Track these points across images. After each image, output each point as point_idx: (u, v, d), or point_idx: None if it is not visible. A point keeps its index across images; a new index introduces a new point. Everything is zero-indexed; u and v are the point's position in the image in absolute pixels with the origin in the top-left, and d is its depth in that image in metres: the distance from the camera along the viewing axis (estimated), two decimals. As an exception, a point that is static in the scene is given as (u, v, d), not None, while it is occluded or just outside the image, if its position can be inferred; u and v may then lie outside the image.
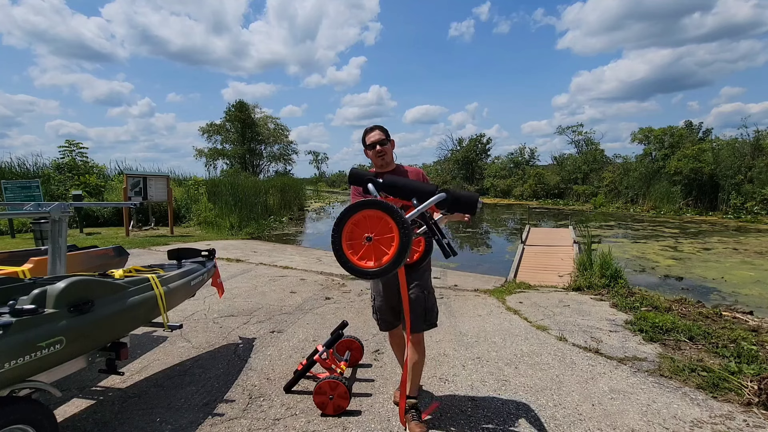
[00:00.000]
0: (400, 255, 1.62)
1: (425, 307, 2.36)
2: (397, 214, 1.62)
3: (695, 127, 27.35)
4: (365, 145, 2.39)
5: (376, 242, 1.68)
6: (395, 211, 1.63)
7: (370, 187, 1.95)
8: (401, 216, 1.63)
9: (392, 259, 1.63)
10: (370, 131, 2.39)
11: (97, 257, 3.58)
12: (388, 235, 1.65)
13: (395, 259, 1.63)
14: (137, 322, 2.49)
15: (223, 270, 6.29)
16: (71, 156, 15.44)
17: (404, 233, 1.61)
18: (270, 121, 37.10)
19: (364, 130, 2.43)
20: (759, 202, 18.36)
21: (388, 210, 1.63)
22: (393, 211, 1.63)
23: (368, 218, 1.68)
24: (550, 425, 2.42)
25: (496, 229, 17.17)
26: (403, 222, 1.62)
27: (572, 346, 3.63)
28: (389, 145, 2.39)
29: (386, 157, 2.37)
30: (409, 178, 2.31)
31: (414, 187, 1.94)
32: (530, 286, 6.02)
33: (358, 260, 1.70)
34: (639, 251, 11.09)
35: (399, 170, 2.41)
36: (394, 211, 1.63)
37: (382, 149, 2.34)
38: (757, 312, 4.92)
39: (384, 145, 2.34)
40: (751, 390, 2.72)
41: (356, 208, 1.68)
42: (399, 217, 1.63)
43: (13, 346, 1.66)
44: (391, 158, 2.42)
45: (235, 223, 13.34)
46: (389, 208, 1.63)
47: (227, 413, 2.53)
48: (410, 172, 2.42)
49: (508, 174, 36.40)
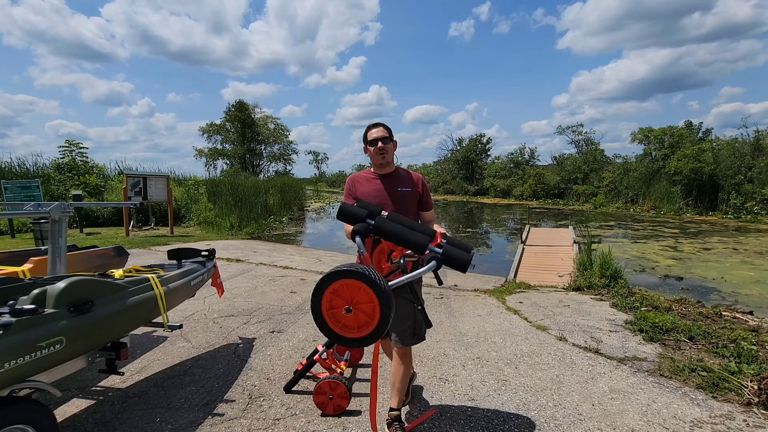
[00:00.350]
0: (382, 326, 1.58)
1: (415, 321, 2.23)
2: (376, 287, 1.55)
3: (695, 127, 27.36)
4: (366, 142, 2.28)
5: (357, 311, 1.61)
6: (375, 283, 1.55)
7: (357, 241, 1.86)
8: (381, 289, 1.55)
9: (374, 330, 1.59)
10: (374, 127, 2.28)
11: (97, 257, 3.58)
12: (368, 304, 1.59)
13: (377, 330, 1.59)
14: (137, 322, 2.49)
15: (223, 270, 6.29)
16: (71, 156, 15.44)
17: (385, 305, 1.56)
18: (270, 121, 37.11)
19: (367, 126, 2.32)
20: (759, 202, 18.37)
21: (367, 282, 1.56)
22: (373, 283, 1.55)
23: (347, 287, 1.60)
24: (550, 425, 2.42)
25: (496, 229, 17.17)
26: (384, 294, 1.55)
27: (572, 346, 3.63)
28: (392, 145, 2.28)
29: (387, 156, 2.25)
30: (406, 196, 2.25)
31: (407, 239, 1.81)
32: (530, 286, 6.02)
33: (340, 329, 1.63)
34: (639, 251, 11.09)
35: (398, 174, 2.32)
36: (374, 284, 1.55)
37: (384, 147, 2.23)
38: (757, 312, 4.92)
39: (387, 143, 2.24)
40: (751, 390, 2.72)
41: (334, 277, 1.60)
42: (379, 289, 1.55)
43: (13, 346, 1.66)
44: (391, 158, 2.31)
45: (235, 223, 13.34)
46: (368, 280, 1.56)
47: (227, 413, 2.53)
48: (409, 177, 2.34)
49: (508, 174, 36.42)
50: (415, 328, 2.24)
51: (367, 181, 2.30)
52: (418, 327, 2.25)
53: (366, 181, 2.30)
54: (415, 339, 2.26)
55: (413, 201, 2.30)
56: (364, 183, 2.29)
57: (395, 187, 2.25)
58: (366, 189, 2.27)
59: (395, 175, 2.32)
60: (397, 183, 2.27)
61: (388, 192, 2.24)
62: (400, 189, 2.25)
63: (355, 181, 2.33)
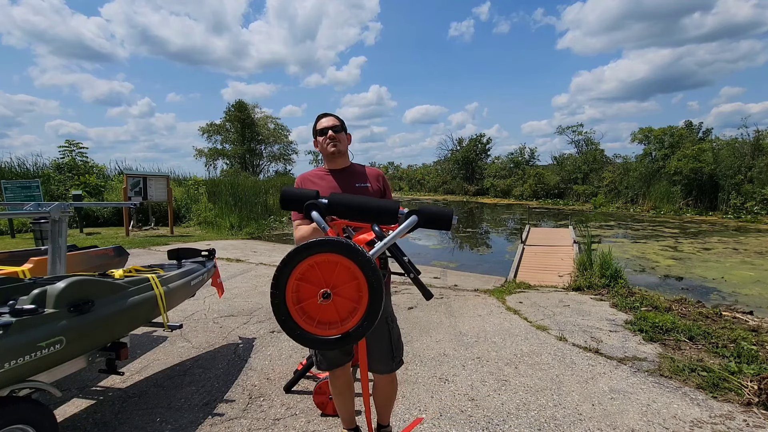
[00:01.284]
0: (374, 308, 1.19)
1: (391, 341, 1.92)
2: (357, 255, 1.18)
3: (695, 127, 27.36)
4: (315, 133, 2.00)
5: (337, 297, 1.22)
6: (356, 251, 1.19)
7: (314, 215, 1.46)
8: (365, 257, 1.19)
9: (365, 316, 1.20)
10: (323, 116, 2.01)
11: (97, 257, 3.58)
12: (350, 283, 1.21)
13: (369, 315, 1.20)
14: (137, 322, 2.49)
15: (223, 270, 6.29)
16: (71, 156, 15.45)
17: (373, 277, 1.18)
18: (270, 121, 37.11)
19: (317, 116, 2.04)
20: (759, 202, 18.37)
21: (346, 251, 1.19)
22: (352, 252, 1.19)
23: (318, 266, 1.22)
24: (550, 425, 2.42)
25: (496, 229, 17.17)
26: (368, 263, 1.19)
27: (572, 346, 3.63)
28: (344, 135, 2.00)
29: (340, 145, 1.95)
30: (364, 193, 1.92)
31: (373, 207, 1.48)
32: (530, 286, 6.02)
33: (316, 328, 1.23)
34: (639, 251, 11.09)
35: (353, 169, 2.02)
36: (355, 252, 1.19)
37: (334, 136, 1.93)
38: (757, 312, 4.93)
39: (337, 132, 1.95)
40: (751, 390, 2.72)
41: (299, 255, 1.21)
42: (362, 257, 1.18)
43: (13, 346, 1.66)
44: (345, 150, 2.01)
45: (235, 223, 13.33)
46: (347, 248, 1.19)
47: (227, 413, 2.53)
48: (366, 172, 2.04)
49: (508, 174, 36.41)
50: (393, 349, 1.93)
51: (319, 178, 2.00)
52: (396, 348, 1.94)
53: (318, 178, 2.00)
54: (395, 363, 1.95)
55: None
56: (315, 181, 2.00)
57: (351, 183, 1.97)
58: (318, 187, 1.94)
59: (351, 170, 2.03)
60: (354, 179, 1.98)
61: (343, 189, 1.94)
62: (357, 185, 1.97)
63: (305, 180, 2.03)
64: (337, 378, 2.03)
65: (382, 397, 2.06)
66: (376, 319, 1.20)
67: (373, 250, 1.31)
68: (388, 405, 2.10)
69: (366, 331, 1.21)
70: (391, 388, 2.03)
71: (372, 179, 2.01)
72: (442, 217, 1.43)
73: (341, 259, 1.20)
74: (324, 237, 1.24)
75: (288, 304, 1.23)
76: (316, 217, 1.46)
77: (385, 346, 1.91)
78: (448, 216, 1.43)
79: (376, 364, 1.92)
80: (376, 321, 1.20)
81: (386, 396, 2.06)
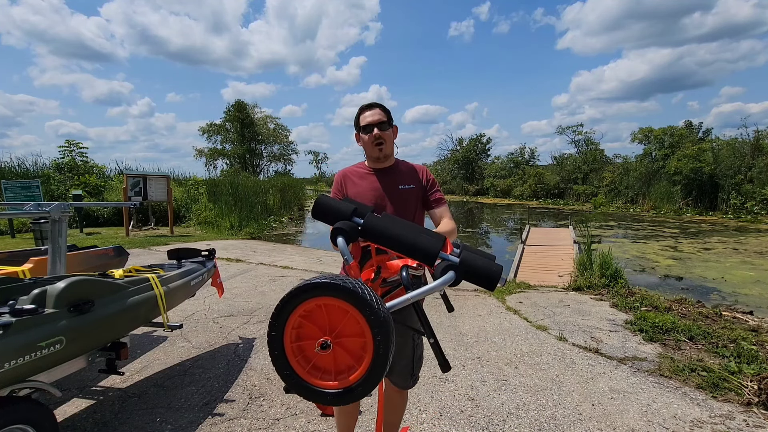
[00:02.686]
0: (375, 374, 1.01)
1: (413, 359, 1.79)
2: (371, 311, 1.00)
3: (695, 127, 27.38)
4: (358, 128, 1.79)
5: (339, 347, 1.06)
6: (368, 305, 1.01)
7: (340, 244, 1.27)
8: (379, 314, 1.00)
9: (362, 380, 1.02)
10: (368, 108, 1.77)
11: (97, 257, 3.58)
12: (356, 338, 1.04)
13: (367, 380, 1.02)
14: (137, 322, 2.49)
15: (223, 270, 6.29)
16: (71, 156, 15.45)
17: (382, 340, 1.00)
18: (270, 121, 37.15)
19: (360, 107, 1.81)
20: (759, 202, 18.37)
21: (356, 302, 1.02)
22: (365, 305, 1.01)
23: (326, 309, 1.07)
24: (550, 425, 2.42)
25: (496, 229, 17.17)
26: (381, 323, 1.00)
27: (572, 346, 3.63)
28: (391, 132, 1.78)
29: (385, 147, 1.74)
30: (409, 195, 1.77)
31: (409, 243, 1.23)
32: (530, 286, 6.02)
33: (308, 374, 1.07)
34: (639, 251, 11.09)
35: (398, 168, 1.84)
36: (367, 306, 1.01)
37: (380, 135, 1.72)
38: (757, 312, 4.93)
39: (384, 129, 1.73)
40: (751, 390, 2.72)
41: (308, 293, 1.06)
42: (375, 315, 1.00)
43: (13, 346, 1.66)
44: (391, 150, 1.80)
45: (235, 223, 13.33)
46: (358, 299, 1.01)
47: (227, 413, 2.53)
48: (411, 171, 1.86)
49: (508, 174, 36.43)
50: (414, 367, 1.81)
51: (360, 177, 1.82)
52: (416, 365, 1.83)
53: (359, 177, 1.82)
54: (412, 381, 1.85)
55: (417, 201, 1.82)
56: (356, 180, 1.82)
57: (395, 185, 1.78)
58: (359, 188, 1.79)
59: (395, 169, 1.83)
60: (398, 179, 1.79)
61: (386, 191, 1.76)
62: (401, 187, 1.78)
63: (346, 177, 1.85)
64: None
65: (390, 408, 1.94)
66: (375, 385, 1.03)
67: (391, 303, 1.12)
68: (395, 418, 1.97)
69: (358, 397, 1.04)
70: (400, 398, 1.93)
71: (417, 179, 1.83)
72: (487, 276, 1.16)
73: (352, 310, 1.03)
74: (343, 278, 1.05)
75: (285, 340, 1.09)
76: (342, 246, 1.28)
77: (407, 362, 1.78)
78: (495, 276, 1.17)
79: (395, 377, 1.82)
80: (372, 388, 1.03)
81: (394, 406, 1.94)
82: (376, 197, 1.76)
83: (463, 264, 1.16)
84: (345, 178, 1.85)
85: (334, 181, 1.89)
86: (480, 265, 1.17)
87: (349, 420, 1.95)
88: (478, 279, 1.17)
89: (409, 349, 1.76)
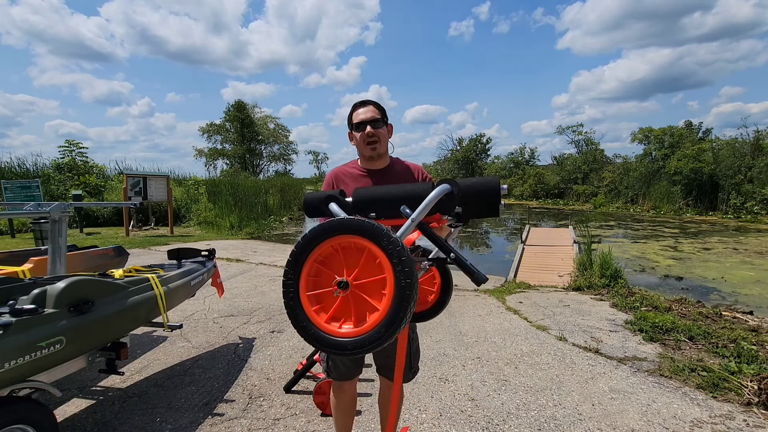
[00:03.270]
0: (398, 310, 0.93)
1: (412, 352, 1.84)
2: (385, 238, 0.95)
3: (695, 127, 27.36)
4: (351, 126, 1.72)
5: (357, 290, 1.00)
6: (382, 233, 0.96)
7: (334, 208, 1.23)
8: (393, 240, 0.95)
9: (386, 319, 0.94)
10: (361, 105, 1.71)
11: (97, 257, 3.58)
12: (375, 277, 0.99)
13: (390, 319, 0.93)
14: (137, 322, 2.49)
15: (223, 270, 6.29)
16: (71, 156, 15.45)
17: (402, 270, 0.93)
18: (270, 121, 37.15)
19: (353, 104, 1.74)
20: (759, 202, 18.37)
21: (370, 233, 0.97)
22: (379, 234, 0.96)
23: (342, 250, 1.03)
24: (550, 425, 2.42)
25: (496, 229, 17.17)
26: (397, 249, 0.94)
27: (572, 346, 3.63)
28: (385, 130, 1.71)
29: (379, 146, 1.67)
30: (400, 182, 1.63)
31: (401, 194, 1.20)
32: (530, 286, 6.02)
33: (327, 323, 1.01)
34: (639, 251, 11.09)
35: (394, 168, 1.77)
36: (381, 234, 0.96)
37: (374, 133, 1.65)
38: (757, 312, 4.93)
39: (378, 127, 1.66)
40: (751, 390, 2.72)
41: (321, 235, 1.02)
42: (390, 241, 0.95)
43: (13, 346, 1.66)
44: (385, 149, 1.72)
45: (235, 223, 13.33)
46: (372, 229, 0.97)
47: (227, 413, 2.53)
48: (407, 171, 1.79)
49: (508, 174, 36.41)
50: (412, 359, 1.85)
51: (353, 178, 1.75)
52: (414, 358, 1.87)
53: (352, 178, 1.75)
54: (412, 373, 1.88)
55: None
56: (349, 181, 1.74)
57: None
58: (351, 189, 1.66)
59: (390, 170, 1.77)
60: (395, 181, 1.70)
61: None
62: None
63: (338, 178, 1.77)
64: (344, 392, 1.84)
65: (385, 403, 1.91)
66: (399, 328, 0.93)
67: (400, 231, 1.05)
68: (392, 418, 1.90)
69: (380, 344, 0.94)
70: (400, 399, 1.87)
71: (413, 180, 1.76)
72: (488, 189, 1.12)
73: (368, 244, 0.98)
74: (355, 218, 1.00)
75: (300, 287, 1.03)
76: (335, 209, 1.23)
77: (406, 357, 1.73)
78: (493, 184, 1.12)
79: (388, 371, 1.80)
80: (396, 332, 0.94)
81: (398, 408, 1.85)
82: None
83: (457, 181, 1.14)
84: (337, 178, 1.78)
85: (325, 181, 1.82)
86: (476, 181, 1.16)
87: (347, 419, 1.92)
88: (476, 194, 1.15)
89: (408, 344, 1.75)
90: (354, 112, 1.71)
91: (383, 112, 1.72)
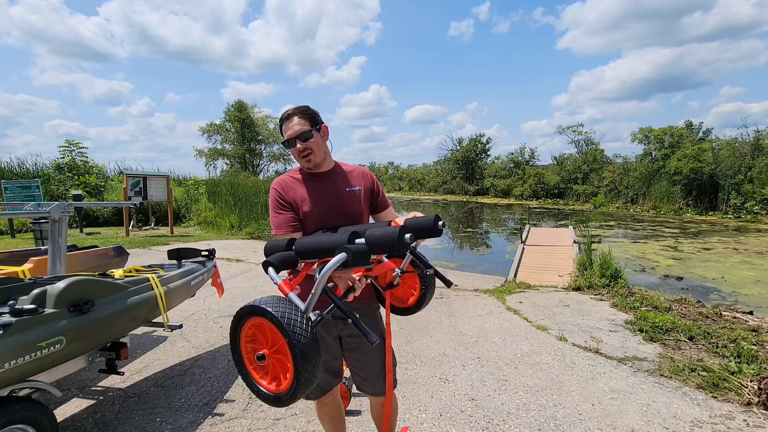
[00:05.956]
0: (298, 382, 1.08)
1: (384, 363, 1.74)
2: (269, 315, 1.10)
3: (695, 127, 27.35)
4: (284, 142, 1.63)
5: (276, 356, 1.16)
6: (267, 312, 1.10)
7: (270, 273, 1.30)
8: (287, 327, 1.07)
9: (289, 388, 1.11)
10: (286, 120, 1.59)
11: (97, 257, 3.58)
12: (283, 352, 1.13)
13: (292, 389, 1.10)
14: (137, 322, 2.49)
15: (223, 270, 6.29)
16: (71, 156, 15.44)
17: (293, 335, 1.06)
18: (270, 121, 37.12)
19: (280, 117, 1.63)
20: (759, 202, 18.38)
21: (259, 312, 1.13)
22: (265, 312, 1.11)
23: (256, 328, 1.20)
24: (550, 425, 2.42)
25: (496, 229, 17.17)
26: (291, 335, 1.06)
27: (572, 346, 3.63)
28: (318, 137, 1.60)
29: (314, 156, 1.60)
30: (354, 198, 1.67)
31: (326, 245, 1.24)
32: (530, 286, 6.02)
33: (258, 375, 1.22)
34: (639, 251, 11.09)
35: (339, 171, 1.72)
36: (266, 312, 1.11)
37: (305, 147, 1.57)
38: (757, 312, 4.93)
39: (308, 139, 1.57)
40: (751, 390, 2.72)
41: (239, 318, 1.22)
42: (273, 316, 1.09)
43: (13, 346, 1.66)
44: (323, 156, 1.63)
45: (235, 223, 13.32)
46: (259, 310, 1.13)
47: (227, 413, 2.53)
48: (354, 173, 1.74)
49: (508, 174, 36.41)
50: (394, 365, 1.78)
51: (300, 184, 1.66)
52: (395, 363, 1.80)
53: (299, 184, 1.66)
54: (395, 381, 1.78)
55: (365, 203, 1.72)
56: (297, 188, 1.66)
57: (341, 189, 1.67)
58: (302, 193, 1.64)
59: (336, 172, 1.71)
60: (342, 183, 1.68)
61: (331, 196, 1.65)
62: (347, 189, 1.68)
63: (286, 185, 1.67)
64: (326, 404, 1.82)
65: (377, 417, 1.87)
66: (300, 393, 1.10)
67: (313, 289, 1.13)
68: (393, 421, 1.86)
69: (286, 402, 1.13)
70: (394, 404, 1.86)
71: (360, 180, 1.73)
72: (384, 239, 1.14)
73: (264, 321, 1.15)
74: (269, 300, 1.14)
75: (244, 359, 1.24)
76: (272, 275, 1.29)
77: (377, 367, 1.70)
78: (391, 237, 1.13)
79: (369, 386, 1.74)
80: (298, 395, 1.10)
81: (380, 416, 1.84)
82: (323, 200, 1.63)
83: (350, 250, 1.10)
84: (286, 187, 1.66)
85: (273, 193, 1.67)
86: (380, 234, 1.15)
87: (338, 424, 1.92)
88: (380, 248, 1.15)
89: (377, 353, 1.70)
90: (281, 128, 1.62)
91: (311, 117, 1.59)
